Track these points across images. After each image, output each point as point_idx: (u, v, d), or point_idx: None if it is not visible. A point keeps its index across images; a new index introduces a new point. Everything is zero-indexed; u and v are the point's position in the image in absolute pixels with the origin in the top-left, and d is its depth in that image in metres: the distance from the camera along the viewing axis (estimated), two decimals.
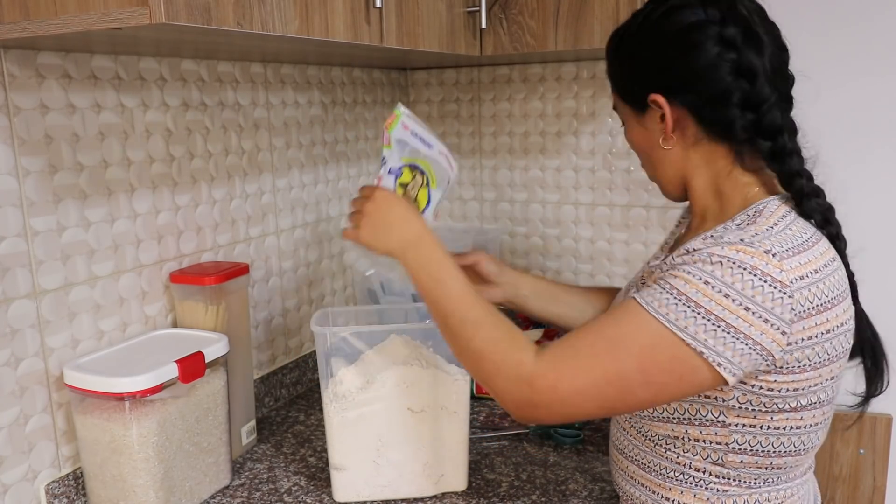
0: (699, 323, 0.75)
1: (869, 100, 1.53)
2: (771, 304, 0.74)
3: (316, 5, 0.97)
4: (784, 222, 0.81)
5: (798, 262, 0.77)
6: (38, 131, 1.03)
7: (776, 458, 0.84)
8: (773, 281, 0.74)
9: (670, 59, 0.85)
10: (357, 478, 1.11)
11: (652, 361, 0.78)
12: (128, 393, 0.99)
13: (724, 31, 0.82)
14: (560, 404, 0.81)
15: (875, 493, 1.64)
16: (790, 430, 0.83)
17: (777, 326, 0.75)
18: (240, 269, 1.25)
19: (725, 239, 0.79)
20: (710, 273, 0.76)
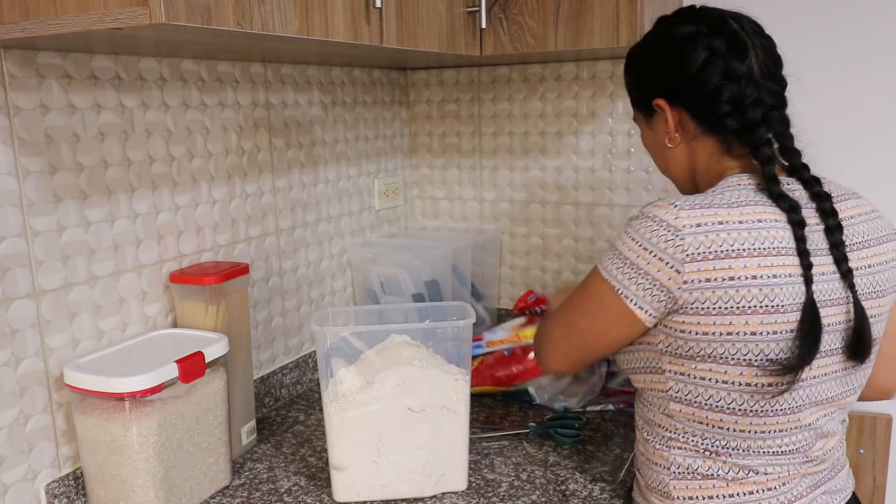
0: (615, 262, 0.91)
1: (862, 101, 1.53)
2: (664, 244, 0.86)
3: (316, 5, 0.97)
4: (722, 186, 0.93)
5: (699, 213, 0.87)
6: (38, 131, 1.03)
7: (713, 413, 0.90)
8: (668, 226, 0.87)
9: (667, 67, 0.98)
10: (357, 478, 1.11)
11: (586, 297, 0.96)
12: (128, 393, 0.99)
13: (712, 42, 0.94)
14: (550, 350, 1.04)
15: (875, 493, 1.64)
16: (717, 383, 0.89)
17: (670, 265, 0.86)
18: (240, 269, 1.25)
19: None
20: (628, 226, 0.91)
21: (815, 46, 1.55)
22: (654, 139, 1.05)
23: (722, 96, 0.93)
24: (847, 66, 1.54)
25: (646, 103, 1.02)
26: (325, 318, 1.18)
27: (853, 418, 1.63)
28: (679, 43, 0.96)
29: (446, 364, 1.10)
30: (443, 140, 1.91)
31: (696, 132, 0.98)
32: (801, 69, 1.56)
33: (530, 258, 1.88)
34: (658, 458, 0.97)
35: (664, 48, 0.99)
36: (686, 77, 0.95)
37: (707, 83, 0.94)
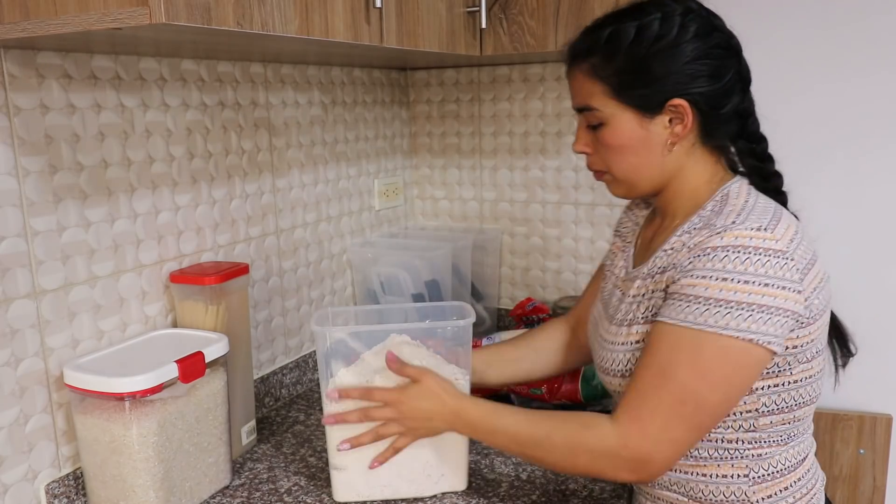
0: (736, 315, 0.81)
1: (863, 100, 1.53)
2: (781, 272, 0.82)
3: (316, 5, 0.97)
4: (752, 198, 0.90)
5: (783, 228, 0.85)
6: (38, 131, 1.03)
7: (797, 410, 0.91)
8: (774, 252, 0.82)
9: (696, 67, 0.89)
10: (357, 478, 1.10)
11: (706, 365, 0.83)
12: (128, 393, 0.99)
13: (732, 41, 0.91)
14: (657, 447, 0.86)
15: (875, 493, 1.64)
16: (805, 381, 0.90)
17: (793, 288, 0.83)
18: (240, 269, 1.25)
19: (717, 226, 0.85)
20: (721, 269, 0.82)
21: (815, 44, 1.55)
22: (639, 139, 0.93)
23: (734, 105, 0.92)
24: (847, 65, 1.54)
25: (654, 100, 0.90)
26: (325, 318, 1.18)
27: (853, 418, 1.63)
28: (706, 39, 0.89)
29: (446, 364, 1.10)
30: (443, 140, 1.91)
31: (695, 141, 0.93)
32: (800, 67, 1.56)
33: (530, 258, 1.88)
34: (732, 470, 0.92)
35: (693, 46, 0.89)
36: (714, 81, 0.90)
37: (730, 88, 0.91)
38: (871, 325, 1.62)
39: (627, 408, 0.87)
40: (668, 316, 0.86)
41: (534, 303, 1.76)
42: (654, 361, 0.86)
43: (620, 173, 0.97)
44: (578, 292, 1.81)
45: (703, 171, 0.95)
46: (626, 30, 0.91)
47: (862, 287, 1.61)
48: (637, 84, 0.91)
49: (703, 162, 0.95)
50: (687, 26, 0.89)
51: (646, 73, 0.90)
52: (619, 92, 0.92)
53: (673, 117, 0.91)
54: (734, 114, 0.92)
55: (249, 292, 1.37)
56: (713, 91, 0.90)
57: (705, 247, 0.84)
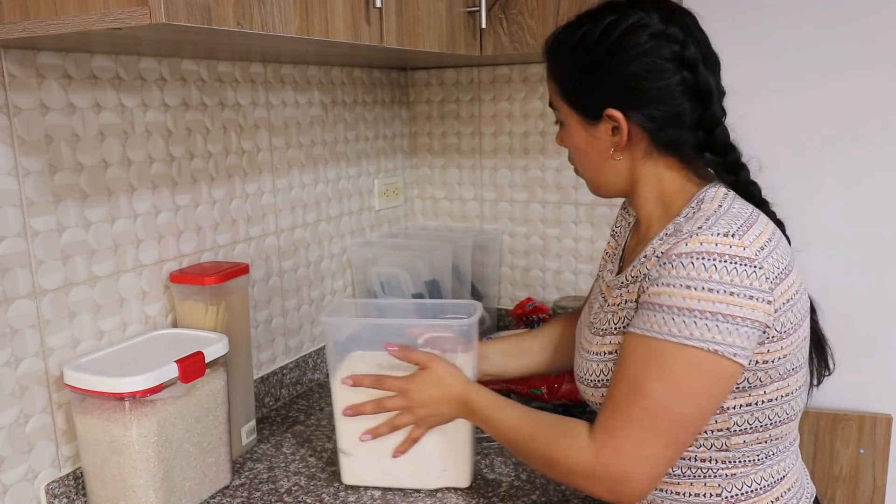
0: (700, 325, 0.78)
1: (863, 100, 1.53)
2: (748, 280, 0.78)
3: (316, 5, 0.97)
4: (726, 202, 0.87)
5: (754, 235, 0.81)
6: (38, 131, 1.03)
7: (773, 429, 0.87)
8: (741, 259, 0.78)
9: (633, 79, 0.86)
10: (362, 463, 1.14)
11: (676, 377, 0.80)
12: (128, 393, 0.99)
13: (686, 52, 0.85)
14: (634, 463, 0.82)
15: (875, 493, 1.64)
16: (781, 399, 0.86)
17: (762, 298, 0.79)
18: (240, 269, 1.25)
19: (684, 232, 0.82)
20: (685, 276, 0.79)
21: (814, 43, 1.55)
22: (589, 144, 0.92)
23: (687, 119, 0.86)
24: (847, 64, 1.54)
25: (593, 107, 0.89)
26: (338, 310, 1.21)
27: (853, 418, 1.63)
28: (648, 52, 0.84)
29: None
30: (443, 140, 1.91)
31: (649, 150, 0.89)
32: (800, 66, 1.56)
33: (530, 258, 1.88)
34: (705, 489, 0.89)
35: (629, 54, 0.85)
36: (654, 95, 0.85)
37: (677, 104, 0.85)
38: (871, 325, 1.62)
39: (602, 423, 0.84)
40: (636, 326, 0.83)
41: (534, 303, 1.76)
42: (626, 374, 0.83)
43: (581, 172, 0.99)
44: (578, 292, 1.82)
45: (670, 178, 0.91)
46: (573, 34, 0.90)
47: (862, 287, 1.60)
48: (578, 90, 0.91)
49: (667, 169, 0.91)
50: (630, 35, 0.85)
51: (583, 81, 0.90)
52: (566, 95, 0.92)
53: (615, 126, 0.88)
54: (688, 127, 0.87)
55: (249, 292, 1.37)
56: (652, 105, 0.85)
57: (671, 254, 0.80)
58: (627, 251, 1.02)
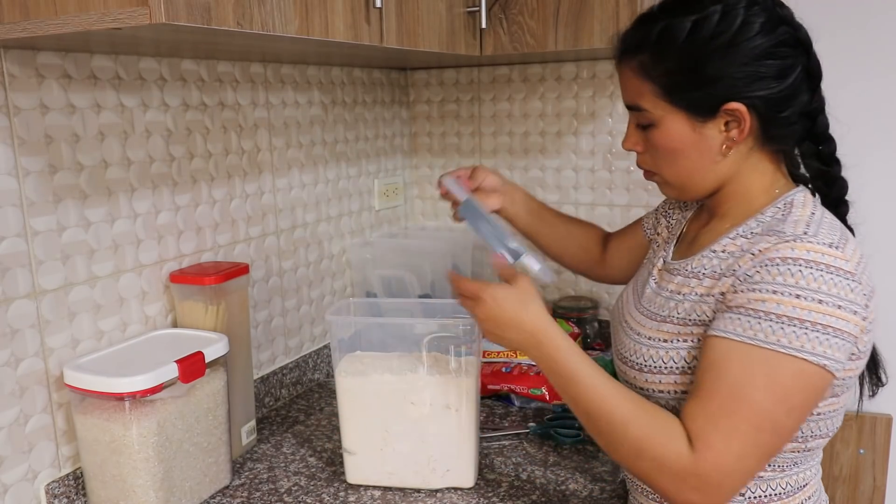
0: (811, 337, 0.75)
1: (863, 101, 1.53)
2: (852, 294, 0.77)
3: (316, 5, 0.97)
4: (819, 210, 0.84)
5: (852, 248, 0.80)
6: (38, 131, 1.03)
7: (812, 441, 0.86)
8: (845, 273, 0.76)
9: (758, 68, 0.82)
10: (366, 463, 1.15)
11: (784, 389, 0.76)
12: (128, 393, 0.99)
13: (799, 34, 0.83)
14: (730, 477, 0.78)
15: (875, 493, 1.64)
16: (828, 414, 0.85)
17: (861, 314, 0.78)
18: (240, 269, 1.25)
19: (787, 234, 0.79)
20: (794, 285, 0.76)
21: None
22: (693, 143, 0.86)
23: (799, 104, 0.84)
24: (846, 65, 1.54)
25: (708, 103, 0.84)
26: (342, 309, 1.20)
27: (853, 418, 1.63)
28: (771, 37, 0.82)
29: (452, 362, 1.11)
30: (443, 140, 1.91)
31: (753, 145, 0.86)
32: None
33: None
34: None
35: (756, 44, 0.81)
36: (779, 81, 0.82)
37: (798, 96, 0.84)
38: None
39: (699, 433, 0.78)
40: (735, 332, 0.78)
41: None
42: (724, 383, 0.77)
43: (671, 177, 0.91)
44: (579, 292, 1.82)
45: (761, 177, 0.88)
46: (681, 25, 0.83)
47: None
48: (690, 86, 0.84)
49: (761, 167, 0.88)
50: (749, 22, 0.81)
51: (700, 75, 0.83)
52: (670, 93, 0.85)
53: (729, 121, 0.84)
54: (800, 115, 0.85)
55: (249, 292, 1.37)
56: (776, 93, 0.82)
57: (774, 257, 0.77)
58: (686, 238, 0.99)
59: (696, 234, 0.97)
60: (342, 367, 1.14)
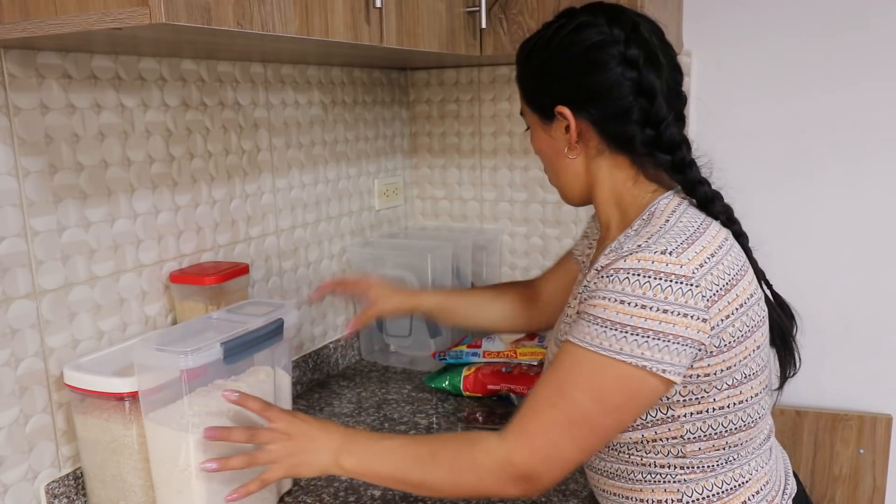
0: (630, 340, 0.78)
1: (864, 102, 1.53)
2: (683, 298, 0.79)
3: (316, 5, 0.97)
4: (674, 216, 0.87)
5: (693, 252, 0.81)
6: (38, 131, 1.03)
7: (729, 436, 0.88)
8: (677, 277, 0.79)
9: (577, 75, 0.89)
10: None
11: (602, 390, 0.81)
12: (128, 393, 0.99)
13: (628, 51, 0.87)
14: (546, 463, 0.83)
15: (875, 493, 1.64)
16: (735, 407, 0.87)
17: (696, 316, 0.79)
18: (240, 269, 1.25)
19: (625, 249, 0.82)
20: (620, 291, 0.79)
21: (815, 47, 1.55)
22: (548, 145, 0.96)
23: (633, 114, 0.88)
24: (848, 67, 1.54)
25: (545, 107, 0.93)
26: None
27: (853, 418, 1.63)
28: (591, 50, 0.88)
29: None
30: (443, 140, 1.91)
31: (601, 148, 0.91)
32: (801, 69, 1.56)
33: (530, 258, 1.88)
34: (665, 495, 0.91)
35: (574, 52, 0.89)
36: (598, 90, 0.88)
37: (621, 99, 0.87)
38: (871, 325, 1.62)
39: (519, 422, 0.84)
40: (572, 335, 0.83)
41: None
42: (553, 378, 0.84)
43: (550, 179, 1.01)
44: None
45: (623, 179, 0.92)
46: (531, 40, 0.95)
47: (862, 287, 1.61)
48: (533, 91, 0.96)
49: (620, 169, 0.92)
50: (575, 35, 0.89)
51: (536, 81, 0.95)
52: (526, 98, 0.97)
53: (567, 124, 0.91)
54: (637, 123, 0.88)
55: (249, 292, 1.37)
56: (597, 100, 0.88)
57: (609, 268, 0.81)
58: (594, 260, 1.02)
59: (597, 255, 1.00)
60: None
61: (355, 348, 1.74)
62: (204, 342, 0.95)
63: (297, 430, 0.91)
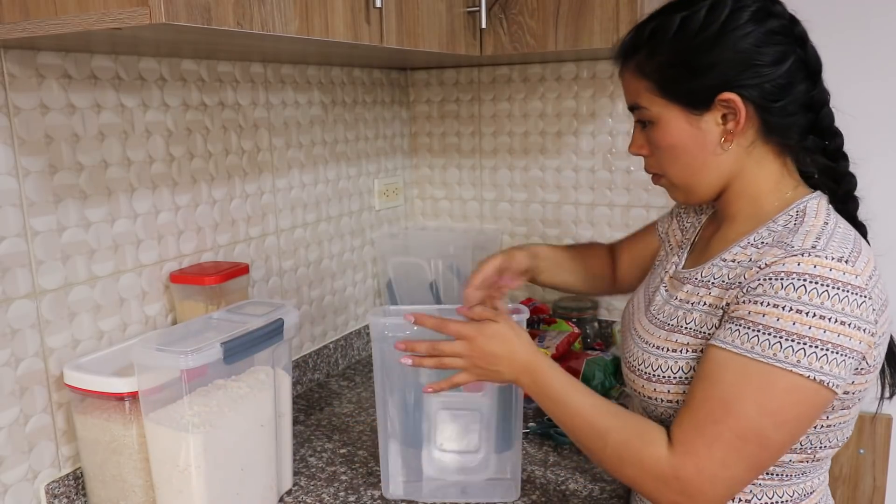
0: (809, 353, 0.74)
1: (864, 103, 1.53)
2: (859, 310, 0.75)
3: (316, 5, 0.97)
4: (832, 220, 0.83)
5: (864, 262, 0.78)
6: (38, 131, 1.03)
7: (821, 451, 0.86)
8: (854, 288, 0.75)
9: (747, 57, 0.82)
10: None
11: (777, 402, 0.76)
12: (128, 393, 0.99)
13: (795, 28, 0.83)
14: (712, 483, 0.78)
15: (875, 493, 1.64)
16: (838, 426, 0.84)
17: (868, 330, 0.76)
18: (240, 269, 1.25)
19: (795, 248, 0.78)
20: (796, 300, 0.75)
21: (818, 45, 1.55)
22: (692, 138, 0.86)
23: (802, 97, 0.83)
24: (847, 66, 1.54)
25: (703, 95, 0.84)
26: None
27: None
28: (761, 27, 0.82)
29: None
30: (443, 140, 1.91)
31: (754, 138, 0.85)
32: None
33: None
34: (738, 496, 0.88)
35: (745, 34, 0.82)
36: (774, 75, 0.82)
37: (794, 82, 0.82)
38: None
39: (683, 439, 0.79)
40: (733, 343, 0.78)
41: (534, 303, 1.76)
42: (716, 392, 0.78)
43: (675, 176, 0.91)
44: None
45: (768, 174, 0.87)
46: (671, 22, 0.85)
47: None
48: (682, 79, 0.85)
49: (766, 162, 0.87)
50: (737, 13, 0.82)
51: (690, 67, 0.84)
52: (664, 88, 0.86)
53: (726, 113, 0.84)
54: (800, 106, 0.84)
55: (249, 292, 1.37)
56: (769, 82, 0.82)
57: (779, 271, 0.76)
58: (698, 244, 0.99)
59: (707, 242, 0.96)
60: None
61: (355, 348, 1.74)
62: (204, 342, 0.95)
63: (476, 351, 0.93)
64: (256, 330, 1.02)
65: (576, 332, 1.62)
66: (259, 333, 1.02)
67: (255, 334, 1.02)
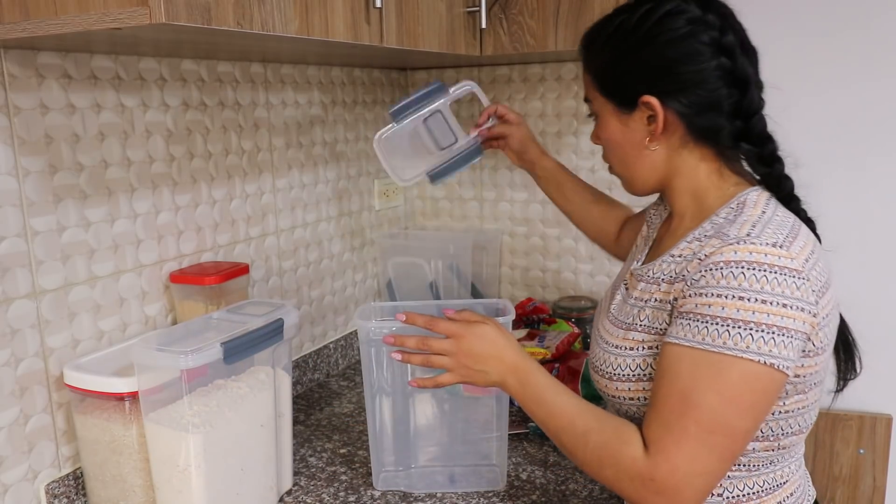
0: (756, 337, 0.76)
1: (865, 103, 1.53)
2: (798, 292, 0.77)
3: (316, 5, 0.97)
4: (769, 209, 0.85)
5: (799, 246, 0.80)
6: (38, 131, 1.03)
7: (784, 439, 0.86)
8: (790, 271, 0.77)
9: (669, 63, 0.85)
10: None
11: (734, 390, 0.77)
12: (128, 393, 0.99)
13: (724, 39, 0.84)
14: (688, 479, 0.79)
15: (875, 493, 1.64)
16: (797, 412, 0.85)
17: (808, 310, 0.78)
18: (240, 269, 1.25)
19: (731, 237, 0.80)
20: (737, 287, 0.77)
21: (818, 48, 1.55)
22: (623, 135, 0.91)
23: (724, 105, 0.85)
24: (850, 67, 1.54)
25: (627, 95, 0.89)
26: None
27: (853, 418, 1.63)
28: (686, 37, 0.84)
29: None
30: None
31: (685, 140, 0.88)
32: (804, 70, 1.56)
33: (530, 258, 1.88)
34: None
35: (667, 39, 0.85)
36: (691, 80, 0.84)
37: (715, 89, 0.84)
38: (871, 324, 1.62)
39: (654, 440, 0.80)
40: (680, 336, 0.80)
41: (534, 303, 1.76)
42: (675, 387, 0.79)
43: (616, 168, 0.98)
44: (578, 292, 1.82)
45: (707, 172, 0.90)
46: (612, 22, 0.90)
47: (862, 287, 1.60)
48: (611, 79, 0.91)
49: (703, 163, 0.90)
50: (666, 20, 0.85)
51: (618, 68, 0.89)
52: (601, 85, 0.92)
53: (651, 115, 0.87)
54: (725, 114, 0.86)
55: (249, 292, 1.37)
56: (690, 92, 0.85)
57: (718, 261, 0.78)
58: (656, 241, 1.01)
59: (662, 238, 0.98)
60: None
61: (355, 348, 1.74)
62: (204, 342, 0.95)
63: (464, 350, 0.93)
64: (256, 330, 1.02)
65: (576, 332, 1.62)
66: (259, 333, 1.02)
67: (255, 334, 1.02)
